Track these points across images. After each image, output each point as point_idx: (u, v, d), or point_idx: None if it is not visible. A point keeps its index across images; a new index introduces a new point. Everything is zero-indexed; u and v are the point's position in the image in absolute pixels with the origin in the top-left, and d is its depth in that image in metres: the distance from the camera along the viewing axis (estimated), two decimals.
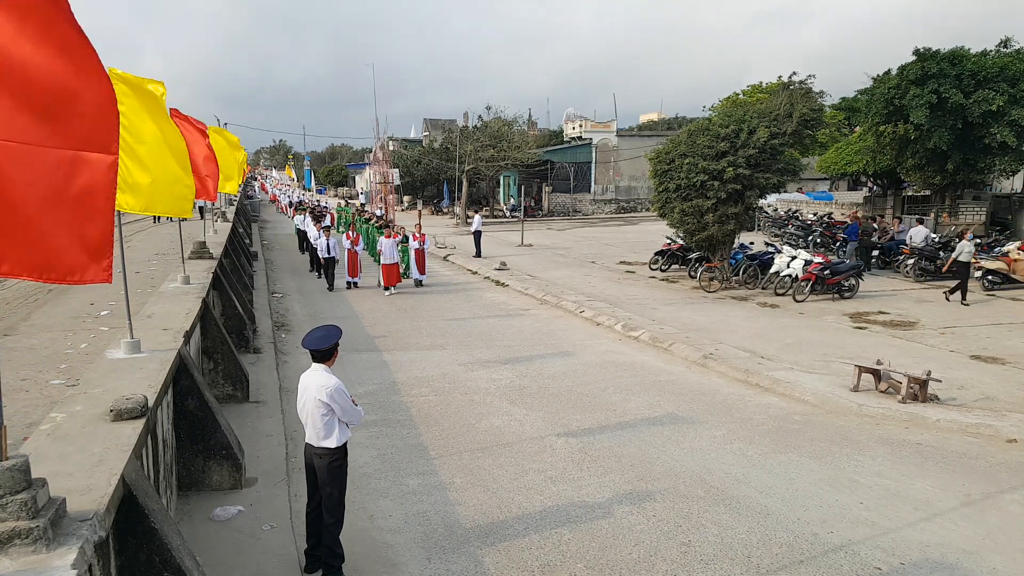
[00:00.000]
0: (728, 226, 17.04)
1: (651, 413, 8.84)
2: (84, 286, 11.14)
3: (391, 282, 17.79)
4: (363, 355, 11.73)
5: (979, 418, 8.34)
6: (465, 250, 25.87)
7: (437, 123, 75.09)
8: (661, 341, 12.33)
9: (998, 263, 17.00)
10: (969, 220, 22.89)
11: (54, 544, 2.85)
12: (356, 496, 6.46)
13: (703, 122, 18.18)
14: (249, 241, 26.59)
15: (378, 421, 8.61)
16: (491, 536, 5.88)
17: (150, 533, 3.77)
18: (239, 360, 9.19)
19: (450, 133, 52.54)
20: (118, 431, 4.24)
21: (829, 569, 5.36)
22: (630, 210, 46.41)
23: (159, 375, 5.52)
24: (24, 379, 6.57)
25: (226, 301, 11.62)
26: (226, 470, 6.50)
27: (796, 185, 39.07)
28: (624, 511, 6.27)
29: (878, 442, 7.86)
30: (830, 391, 9.37)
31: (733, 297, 16.64)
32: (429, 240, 19.71)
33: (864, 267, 18.34)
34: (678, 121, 61.85)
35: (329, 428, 5.05)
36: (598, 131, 46.56)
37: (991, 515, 6.21)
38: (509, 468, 7.21)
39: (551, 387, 9.92)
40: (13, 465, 2.87)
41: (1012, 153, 21.07)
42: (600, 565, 5.42)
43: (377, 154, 26.69)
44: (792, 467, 7.22)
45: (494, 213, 45.05)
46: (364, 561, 5.49)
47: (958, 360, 10.94)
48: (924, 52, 20.70)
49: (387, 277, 17.79)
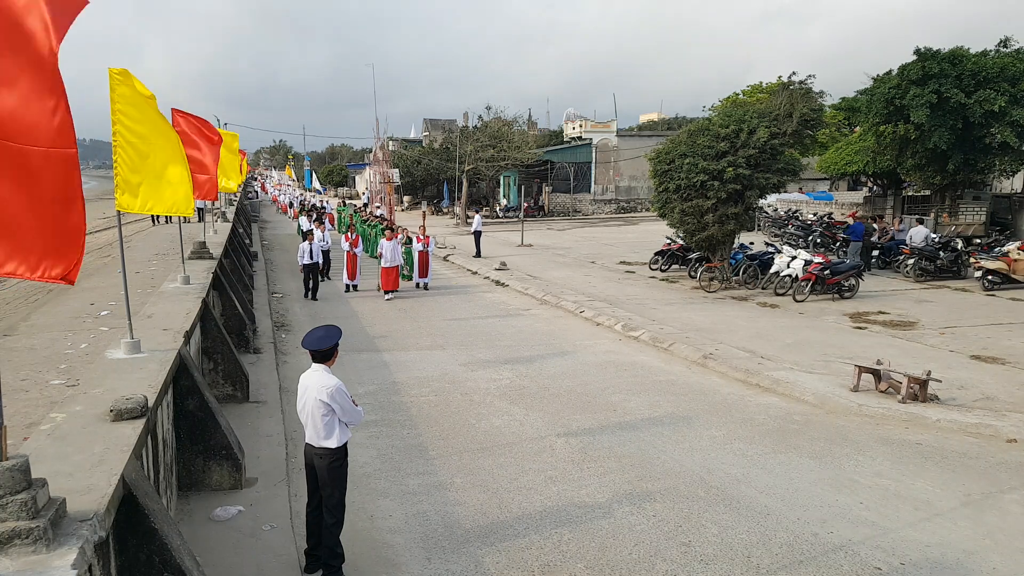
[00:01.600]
0: (728, 226, 17.04)
1: (651, 413, 8.84)
2: (85, 286, 11.13)
3: (390, 287, 17.02)
4: (363, 355, 11.73)
5: (979, 418, 8.34)
6: (465, 250, 25.87)
7: (437, 123, 75.10)
8: (661, 341, 12.33)
9: (998, 263, 16.98)
10: (969, 220, 22.87)
11: (54, 544, 2.85)
12: (356, 496, 6.46)
13: (703, 122, 18.18)
14: (249, 241, 26.58)
15: (378, 421, 8.61)
16: (491, 536, 5.88)
17: (150, 533, 3.77)
18: (239, 360, 9.19)
19: (450, 133, 52.60)
20: (118, 431, 4.24)
21: (829, 569, 5.36)
22: (630, 210, 46.40)
23: (159, 375, 5.52)
24: (24, 379, 6.57)
25: (226, 301, 11.62)
26: (226, 470, 6.50)
27: (796, 185, 39.07)
28: (624, 511, 6.27)
29: (878, 442, 7.86)
30: (830, 391, 9.36)
31: (733, 297, 16.64)
32: (431, 242, 18.89)
33: (864, 267, 18.35)
34: (678, 121, 61.88)
35: (329, 428, 5.05)
36: (598, 131, 46.56)
37: (991, 515, 6.21)
38: (509, 468, 7.21)
39: (551, 387, 9.92)
40: (13, 465, 2.87)
41: (1012, 153, 21.06)
42: (600, 565, 5.42)
43: (377, 154, 26.72)
44: (792, 467, 7.22)
45: (496, 213, 45.02)
46: (364, 561, 5.49)
47: (958, 360, 10.94)
48: (925, 52, 20.69)
49: (386, 281, 16.99)
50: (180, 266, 10.68)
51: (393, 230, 18.21)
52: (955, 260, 18.56)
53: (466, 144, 41.56)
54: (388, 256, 16.85)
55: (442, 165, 47.42)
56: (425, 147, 59.56)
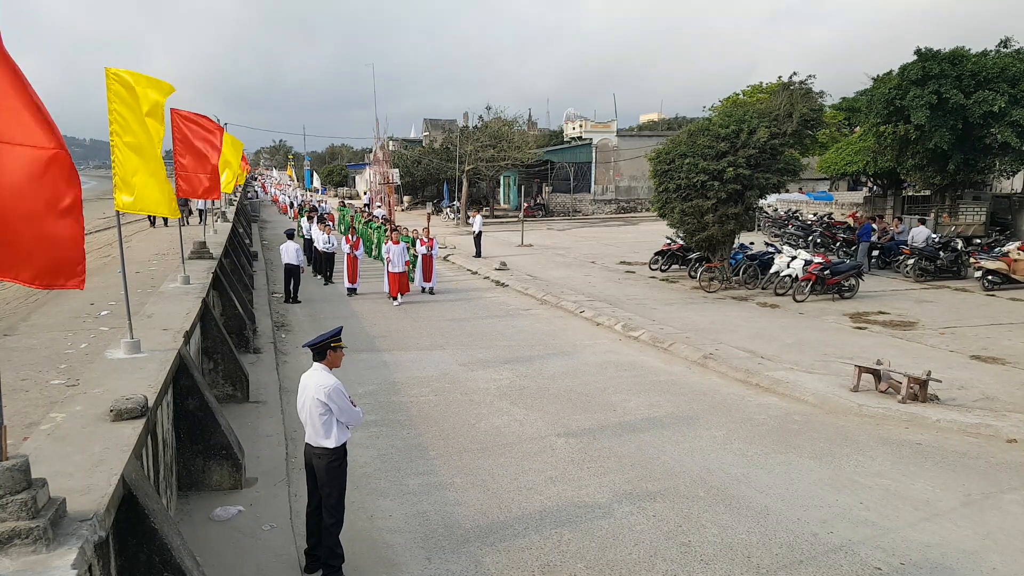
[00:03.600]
0: (728, 226, 17.04)
1: (651, 413, 8.84)
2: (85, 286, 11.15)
3: (399, 291, 16.33)
4: (363, 355, 11.72)
5: (979, 418, 8.34)
6: (465, 250, 25.86)
7: (437, 123, 75.08)
8: (661, 341, 12.33)
9: (998, 263, 16.98)
10: (969, 220, 22.86)
11: (54, 544, 2.85)
12: (356, 496, 6.46)
13: (703, 122, 18.18)
14: (249, 241, 26.59)
15: (378, 421, 8.61)
16: (491, 536, 5.88)
17: (150, 533, 3.77)
18: (239, 360, 9.19)
19: (450, 133, 52.55)
20: (118, 431, 4.24)
21: (829, 569, 5.35)
22: (630, 210, 46.38)
23: (159, 375, 5.52)
24: (24, 379, 6.57)
25: (226, 301, 11.62)
26: (226, 470, 6.50)
27: (796, 185, 39.05)
28: (624, 511, 6.27)
29: (878, 442, 7.86)
30: (830, 391, 9.36)
31: (733, 297, 16.63)
32: (435, 244, 18.07)
33: (864, 267, 18.35)
34: (678, 121, 61.88)
35: (327, 428, 5.06)
36: (598, 131, 46.52)
37: (991, 515, 6.21)
38: (509, 468, 7.21)
39: (551, 387, 9.92)
40: (13, 465, 2.87)
41: (1012, 153, 21.06)
42: (600, 565, 5.42)
43: (377, 154, 26.70)
44: (792, 467, 7.22)
45: (505, 212, 44.93)
46: (364, 561, 5.49)
47: (958, 360, 10.93)
48: (925, 52, 20.69)
49: (395, 286, 16.32)
50: (180, 266, 10.68)
51: (396, 230, 17.63)
52: (955, 260, 18.57)
53: (466, 144, 41.53)
54: (396, 261, 16.24)
55: (442, 165, 47.39)
56: (425, 147, 59.50)
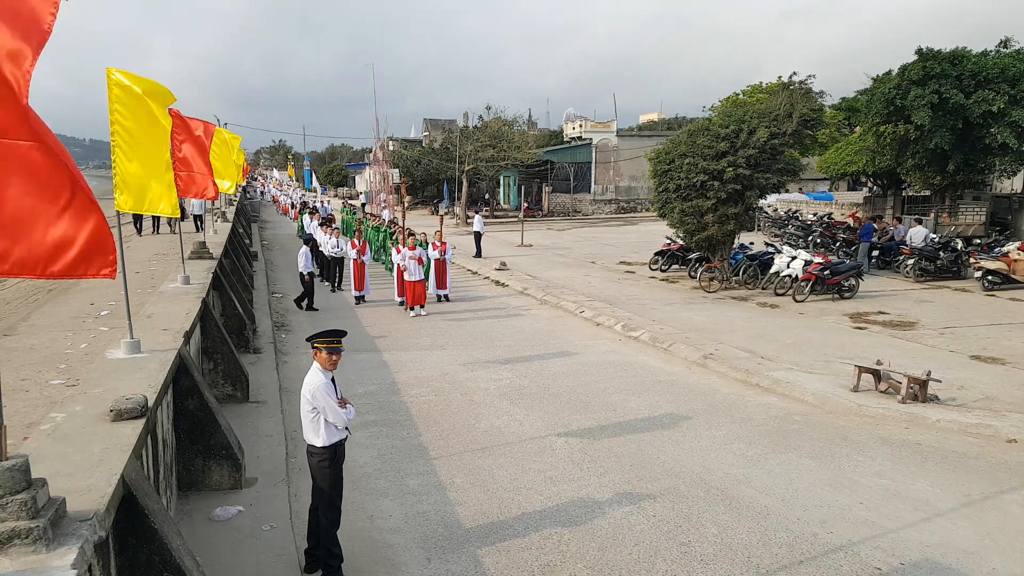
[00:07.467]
0: (728, 226, 17.04)
1: (651, 413, 8.84)
2: (85, 286, 11.13)
3: (416, 301, 15.20)
4: (363, 355, 11.72)
5: (979, 418, 8.34)
6: (465, 250, 25.86)
7: (437, 123, 75.11)
8: (661, 341, 12.33)
9: (998, 263, 16.98)
10: (969, 220, 22.87)
11: (54, 544, 2.85)
12: (356, 496, 6.46)
13: (703, 122, 18.19)
14: (249, 241, 26.58)
15: (378, 421, 8.60)
16: (491, 536, 5.88)
17: (150, 533, 3.77)
18: (239, 360, 9.19)
19: (450, 133, 52.52)
20: (118, 431, 4.24)
21: (829, 569, 5.35)
22: (630, 210, 46.39)
23: (159, 375, 5.52)
24: (24, 379, 6.56)
25: (226, 301, 11.62)
26: (226, 470, 6.50)
27: (796, 185, 39.07)
28: (624, 511, 6.27)
29: (878, 442, 7.86)
30: (830, 391, 9.36)
31: (733, 297, 16.63)
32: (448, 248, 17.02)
33: (864, 267, 18.35)
34: (678, 121, 61.83)
35: (315, 426, 5.14)
36: (598, 131, 46.54)
37: (991, 515, 6.21)
38: (509, 468, 7.21)
39: (551, 387, 9.92)
40: (13, 465, 2.87)
41: (1012, 153, 21.06)
42: (600, 565, 5.42)
43: (377, 154, 26.69)
44: (792, 467, 7.21)
45: (505, 212, 44.92)
46: (364, 561, 5.49)
47: (958, 360, 10.93)
48: (926, 52, 20.69)
49: (411, 296, 15.18)
50: (180, 266, 10.68)
51: (413, 234, 16.21)
52: (955, 260, 18.57)
53: (466, 144, 41.53)
54: (413, 269, 15.08)
55: (442, 165, 47.39)
56: (425, 147, 59.51)
